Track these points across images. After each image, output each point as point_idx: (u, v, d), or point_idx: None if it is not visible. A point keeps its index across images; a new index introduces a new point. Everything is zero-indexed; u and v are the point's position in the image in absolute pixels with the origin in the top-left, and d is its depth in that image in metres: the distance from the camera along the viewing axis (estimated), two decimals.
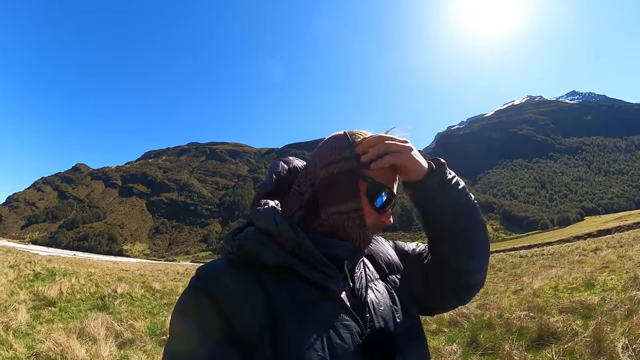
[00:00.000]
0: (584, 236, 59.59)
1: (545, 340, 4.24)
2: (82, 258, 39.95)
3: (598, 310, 5.11)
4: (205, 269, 0.78)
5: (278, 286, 0.74)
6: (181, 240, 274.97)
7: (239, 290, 0.72)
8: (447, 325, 5.92)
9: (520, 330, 4.84)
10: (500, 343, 4.38)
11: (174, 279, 16.05)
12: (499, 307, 6.48)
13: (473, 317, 5.99)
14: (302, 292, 0.74)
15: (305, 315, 0.71)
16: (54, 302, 7.33)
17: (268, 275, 0.75)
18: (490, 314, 6.02)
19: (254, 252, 0.76)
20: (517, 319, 5.24)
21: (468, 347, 4.65)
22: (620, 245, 16.87)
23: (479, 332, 4.95)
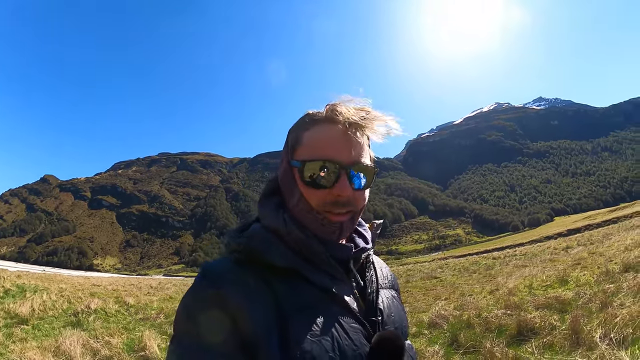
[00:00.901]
0: (555, 236, 61.61)
1: (525, 335, 4.37)
2: (52, 273, 38.31)
3: (573, 304, 5.28)
4: (210, 267, 0.76)
5: (285, 286, 0.72)
6: (153, 254, 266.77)
7: (246, 290, 0.70)
8: (427, 327, 6.02)
9: (499, 327, 4.95)
10: (481, 341, 4.48)
11: (147, 293, 15.68)
12: (476, 307, 6.63)
13: (452, 318, 6.11)
14: (308, 293, 0.73)
15: (313, 316, 0.70)
16: (26, 319, 7.03)
17: (274, 274, 0.73)
18: (469, 314, 6.14)
19: (260, 252, 0.75)
20: (496, 318, 5.37)
21: (449, 347, 4.73)
22: (591, 243, 17.35)
23: (459, 332, 5.05)
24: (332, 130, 0.78)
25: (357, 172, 0.78)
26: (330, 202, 0.77)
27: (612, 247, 11.23)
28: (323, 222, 0.77)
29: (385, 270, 0.97)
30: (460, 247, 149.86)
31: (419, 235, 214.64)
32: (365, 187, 0.81)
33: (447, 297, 9.42)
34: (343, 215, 0.78)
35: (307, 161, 0.77)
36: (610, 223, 54.34)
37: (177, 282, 35.12)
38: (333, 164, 0.76)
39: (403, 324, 0.88)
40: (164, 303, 11.26)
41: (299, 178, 0.78)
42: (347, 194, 0.76)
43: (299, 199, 0.78)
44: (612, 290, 5.34)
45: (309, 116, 0.82)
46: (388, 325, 0.81)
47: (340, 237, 0.79)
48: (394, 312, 0.86)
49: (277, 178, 0.87)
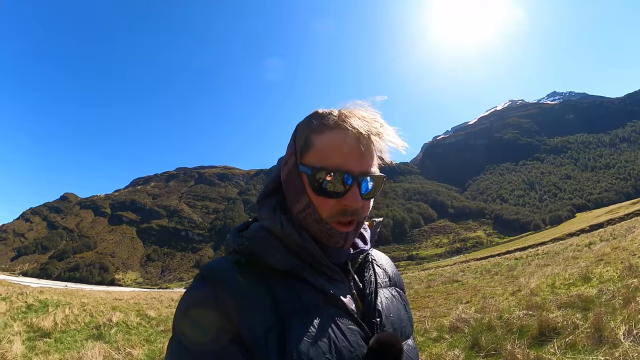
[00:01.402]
0: (577, 232, 60.07)
1: (547, 336, 4.28)
2: (74, 289, 39.16)
3: (596, 301, 5.16)
4: (209, 268, 0.76)
5: (283, 288, 0.72)
6: (174, 267, 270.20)
7: (245, 291, 0.70)
8: (448, 331, 5.96)
9: (520, 329, 4.88)
10: (502, 343, 4.40)
11: (169, 306, 15.89)
12: (497, 309, 6.53)
13: (473, 321, 6.03)
14: (307, 295, 0.73)
15: (311, 318, 0.70)
16: (49, 333, 7.17)
17: (273, 276, 0.73)
18: (490, 316, 6.05)
19: (259, 253, 0.75)
20: (517, 319, 5.29)
21: (470, 351, 4.67)
22: (614, 238, 16.98)
23: (479, 335, 4.97)
24: (344, 138, 0.76)
25: (367, 181, 0.78)
26: (339, 212, 0.76)
27: (635, 241, 11.02)
28: (330, 232, 0.77)
29: (387, 267, 0.97)
30: (481, 249, 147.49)
31: (439, 239, 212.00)
32: (373, 196, 0.81)
33: (468, 300, 9.31)
34: (349, 225, 0.78)
35: (319, 169, 0.75)
36: (633, 216, 52.91)
37: None
38: (345, 174, 0.75)
39: (403, 324, 0.87)
40: None
41: (308, 185, 0.77)
42: (357, 204, 0.76)
43: (307, 206, 0.77)
44: (636, 285, 5.22)
45: (318, 117, 0.80)
46: (387, 327, 0.81)
47: (344, 246, 0.79)
48: (393, 312, 0.85)
49: (278, 177, 0.86)
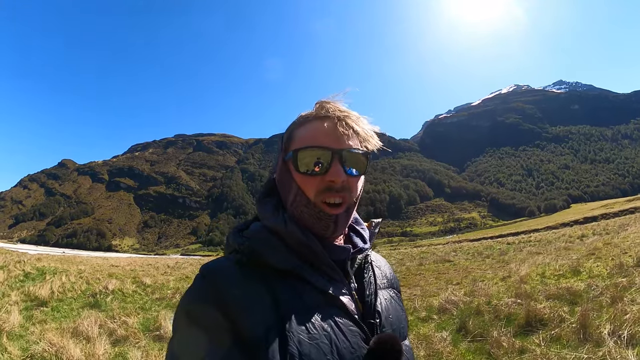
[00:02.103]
0: (571, 223, 60.85)
1: (533, 326, 4.35)
2: (71, 255, 39.55)
3: (584, 297, 5.22)
4: (210, 268, 0.76)
5: (285, 288, 0.72)
6: (170, 234, 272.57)
7: (246, 292, 0.70)
8: (437, 312, 6.04)
9: (508, 316, 4.94)
10: (489, 329, 4.48)
11: (164, 273, 16.08)
12: (487, 294, 6.61)
13: (462, 304, 6.11)
14: (308, 295, 0.73)
15: (312, 319, 0.70)
16: (46, 301, 7.26)
17: (274, 276, 0.74)
18: (479, 300, 6.13)
19: (261, 253, 0.75)
20: (505, 306, 5.36)
21: (457, 334, 4.74)
22: (606, 233, 17.09)
23: (467, 318, 5.05)
24: (323, 123, 0.80)
25: (349, 157, 0.79)
26: (324, 189, 0.77)
27: (627, 239, 11.05)
28: (319, 215, 0.77)
29: (385, 269, 0.97)
30: (475, 231, 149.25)
31: (434, 217, 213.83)
32: (359, 173, 0.81)
33: (458, 281, 9.43)
34: (338, 207, 0.78)
35: (299, 149, 0.78)
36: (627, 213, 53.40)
37: (194, 261, 35.76)
38: (324, 149, 0.77)
39: (401, 325, 0.88)
40: (179, 283, 11.55)
41: (293, 169, 0.79)
42: (341, 179, 0.77)
43: (296, 193, 0.79)
44: (624, 284, 5.26)
45: (300, 117, 0.84)
46: (386, 328, 0.81)
47: (335, 232, 0.79)
48: (392, 313, 0.86)
49: (274, 179, 0.87)
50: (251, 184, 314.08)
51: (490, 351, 3.92)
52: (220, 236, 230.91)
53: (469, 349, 4.20)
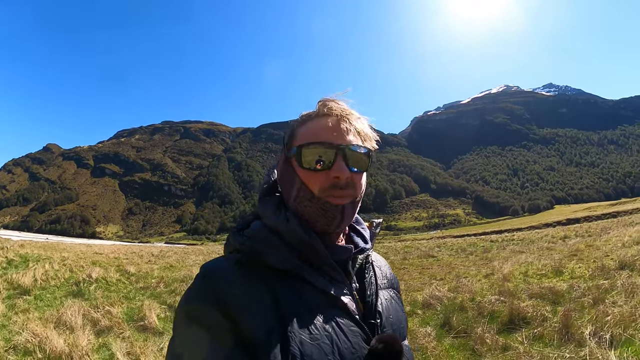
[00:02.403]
0: (554, 224, 61.87)
1: (516, 324, 4.43)
2: (54, 242, 38.71)
3: (566, 297, 5.32)
4: (210, 268, 0.76)
5: (285, 289, 0.72)
6: (155, 221, 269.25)
7: (246, 292, 0.70)
8: (421, 307, 6.08)
9: (491, 313, 5.02)
10: (473, 326, 4.55)
11: (148, 262, 15.90)
12: (470, 291, 6.70)
13: (446, 300, 6.17)
14: (309, 296, 0.73)
15: (313, 319, 0.70)
16: (29, 290, 7.13)
17: (275, 276, 0.73)
18: (463, 297, 6.23)
19: (261, 253, 0.74)
20: (489, 303, 5.44)
21: (441, 329, 4.80)
22: (589, 235, 17.33)
23: (451, 314, 5.10)
24: (326, 120, 0.80)
25: (352, 154, 0.79)
26: (329, 186, 0.77)
27: (609, 242, 11.22)
28: (324, 207, 0.77)
29: (385, 269, 0.97)
30: (458, 227, 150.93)
31: (418, 212, 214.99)
32: (362, 170, 0.81)
33: (442, 277, 9.51)
34: (344, 198, 0.79)
35: (304, 146, 0.78)
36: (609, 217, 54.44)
37: (179, 250, 35.47)
38: (328, 145, 0.78)
39: (401, 325, 0.88)
40: (164, 272, 11.43)
41: (297, 165, 0.80)
42: (345, 175, 0.77)
43: (300, 188, 0.79)
44: (606, 286, 5.36)
45: (303, 115, 0.85)
46: (386, 328, 0.81)
47: (340, 224, 0.79)
48: (392, 314, 0.86)
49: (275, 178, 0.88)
50: (238, 173, 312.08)
51: (474, 347, 3.98)
52: (205, 225, 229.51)
53: (453, 345, 4.26)
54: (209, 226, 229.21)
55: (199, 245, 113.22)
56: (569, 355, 3.33)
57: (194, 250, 36.26)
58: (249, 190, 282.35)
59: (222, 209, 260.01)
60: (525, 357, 3.51)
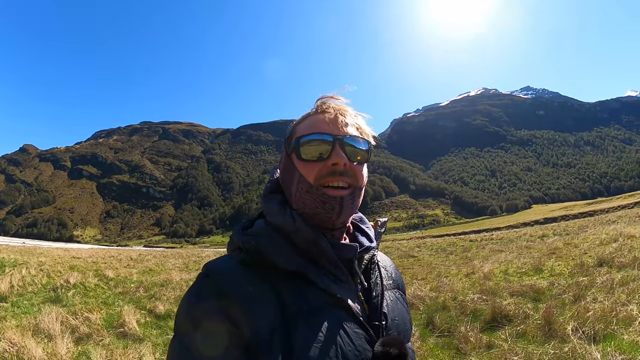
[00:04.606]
0: (532, 223, 63.23)
1: (499, 322, 4.49)
2: (31, 246, 37.62)
3: (547, 294, 5.43)
4: (213, 267, 0.74)
5: (290, 289, 0.71)
6: (133, 224, 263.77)
7: (251, 293, 0.69)
8: None
9: (474, 312, 5.08)
10: (456, 325, 4.60)
11: (127, 266, 15.65)
12: (452, 290, 6.78)
13: (428, 300, 6.22)
14: (313, 297, 0.72)
15: (317, 321, 0.69)
16: (5, 296, 6.89)
17: (279, 276, 0.72)
18: (445, 296, 6.29)
19: (266, 253, 0.73)
20: (471, 302, 5.50)
21: (425, 329, 4.83)
22: (567, 234, 17.63)
23: (434, 314, 5.15)
24: (324, 115, 0.82)
25: (351, 145, 0.79)
26: (327, 173, 0.77)
27: (587, 240, 11.45)
28: (323, 198, 0.76)
29: (390, 269, 0.96)
30: (438, 227, 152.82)
31: (398, 213, 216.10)
32: (362, 161, 0.82)
33: (423, 277, 9.56)
34: (343, 189, 0.78)
35: (302, 137, 0.79)
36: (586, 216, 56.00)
37: (157, 253, 34.91)
38: (326, 135, 0.78)
39: (406, 326, 0.87)
40: (143, 276, 11.23)
41: (295, 159, 0.80)
42: (342, 162, 0.77)
43: (299, 181, 0.79)
44: (586, 283, 5.48)
45: (303, 115, 0.86)
46: (391, 330, 0.81)
47: (340, 215, 0.78)
48: (397, 315, 0.85)
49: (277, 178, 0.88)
50: (217, 174, 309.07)
51: (459, 346, 4.02)
52: (184, 228, 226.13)
53: (437, 344, 4.29)
54: (188, 229, 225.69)
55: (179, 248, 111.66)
56: (553, 351, 3.40)
57: (174, 253, 35.77)
58: (228, 192, 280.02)
59: (202, 211, 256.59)
60: (509, 354, 3.56)
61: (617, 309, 4.01)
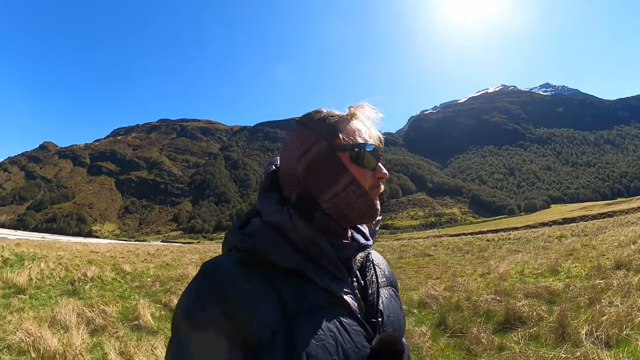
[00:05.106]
0: (550, 223, 62.22)
1: (512, 324, 4.40)
2: (51, 240, 38.57)
3: (562, 296, 5.30)
4: (212, 267, 0.73)
5: (289, 288, 0.71)
6: (151, 220, 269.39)
7: (250, 292, 0.68)
8: (417, 306, 6.06)
9: (487, 313, 5.00)
10: (468, 325, 4.53)
11: (144, 260, 15.85)
12: (466, 290, 6.69)
13: (441, 299, 6.15)
14: (313, 295, 0.72)
15: (317, 319, 0.69)
16: (24, 289, 7.07)
17: (278, 275, 0.72)
18: (459, 296, 6.21)
19: (265, 252, 0.73)
20: (485, 302, 5.41)
21: (437, 329, 4.77)
22: (585, 234, 17.32)
23: (447, 314, 5.08)
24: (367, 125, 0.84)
25: None
26: (375, 184, 0.81)
27: (605, 241, 11.21)
28: (371, 204, 0.80)
29: (384, 267, 0.97)
30: (455, 226, 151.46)
31: (415, 211, 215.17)
32: None
33: (438, 276, 9.50)
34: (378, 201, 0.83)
35: (361, 144, 0.80)
36: (605, 216, 54.71)
37: (175, 248, 35.35)
38: (378, 149, 0.83)
39: (401, 322, 0.89)
40: (160, 270, 11.39)
41: (350, 162, 0.79)
42: (387, 176, 0.83)
43: (350, 184, 0.78)
44: (602, 286, 5.35)
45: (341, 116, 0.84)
46: (387, 326, 0.81)
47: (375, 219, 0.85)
48: (392, 312, 0.86)
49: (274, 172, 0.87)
50: (234, 171, 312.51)
51: (470, 347, 3.96)
52: (201, 223, 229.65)
53: (448, 344, 4.24)
54: (206, 225, 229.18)
55: (196, 244, 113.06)
56: (565, 356, 3.32)
57: (191, 249, 36.16)
58: (245, 189, 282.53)
59: (219, 207, 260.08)
60: (521, 357, 3.49)
61: (633, 313, 3.88)
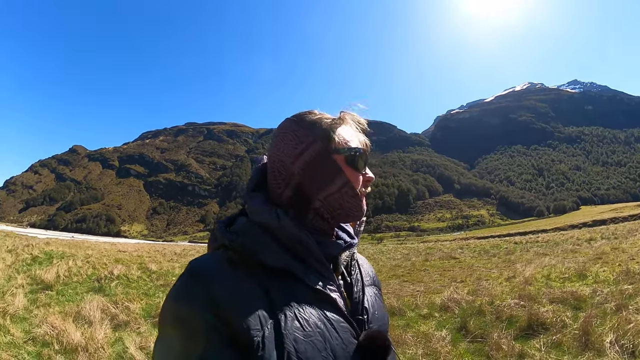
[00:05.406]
0: (579, 225, 60.18)
1: (534, 330, 4.29)
2: (80, 240, 39.82)
3: (589, 302, 5.15)
4: (199, 265, 0.73)
5: (277, 287, 0.72)
6: (179, 221, 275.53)
7: (239, 291, 0.69)
8: (439, 310, 5.99)
9: (510, 318, 4.88)
10: (490, 330, 4.44)
11: (170, 260, 16.21)
12: (490, 294, 6.55)
13: (464, 303, 6.06)
14: (301, 293, 0.73)
15: (306, 317, 0.70)
16: (51, 285, 7.31)
17: (267, 274, 0.72)
18: (482, 300, 6.08)
19: (254, 251, 0.73)
20: (508, 307, 5.29)
21: (458, 333, 4.70)
22: (615, 237, 16.87)
23: (469, 318, 5.01)
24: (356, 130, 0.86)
25: None
26: (364, 186, 0.84)
27: (636, 245, 10.93)
28: (361, 204, 0.83)
29: (367, 267, 0.98)
30: (482, 229, 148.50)
31: (442, 213, 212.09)
32: None
33: (462, 279, 9.37)
34: None
35: (355, 148, 0.82)
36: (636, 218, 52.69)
37: (201, 248, 35.97)
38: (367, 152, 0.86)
39: (385, 320, 0.90)
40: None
41: (346, 164, 0.81)
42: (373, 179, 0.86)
43: (344, 185, 0.80)
44: (630, 292, 5.18)
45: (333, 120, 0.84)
46: (372, 324, 0.83)
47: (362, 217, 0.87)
48: (377, 310, 0.87)
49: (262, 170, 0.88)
50: None
51: (489, 353, 3.88)
52: None
53: (467, 350, 4.16)
54: None
55: None
56: None
57: None
58: None
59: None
60: None
61: None
